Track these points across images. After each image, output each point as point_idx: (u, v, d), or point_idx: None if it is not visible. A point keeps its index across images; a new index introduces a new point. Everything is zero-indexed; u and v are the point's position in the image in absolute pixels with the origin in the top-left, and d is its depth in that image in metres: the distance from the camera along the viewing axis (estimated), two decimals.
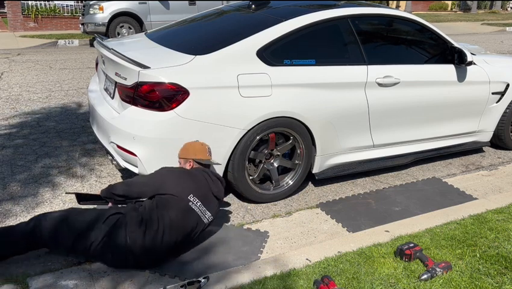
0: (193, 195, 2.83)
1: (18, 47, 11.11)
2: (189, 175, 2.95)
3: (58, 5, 14.36)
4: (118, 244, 2.63)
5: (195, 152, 3.08)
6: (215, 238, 3.12)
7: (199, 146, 3.11)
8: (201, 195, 2.87)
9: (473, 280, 2.59)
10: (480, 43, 13.59)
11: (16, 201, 3.55)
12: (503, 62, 4.76)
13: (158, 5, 11.44)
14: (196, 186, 2.88)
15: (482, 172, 4.47)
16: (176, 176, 2.91)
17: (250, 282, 2.52)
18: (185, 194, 2.82)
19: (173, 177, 2.90)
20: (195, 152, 3.08)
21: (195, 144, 3.12)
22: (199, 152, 3.09)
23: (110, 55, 3.48)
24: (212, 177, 3.00)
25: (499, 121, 4.72)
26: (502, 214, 3.37)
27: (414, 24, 4.25)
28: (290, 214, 3.55)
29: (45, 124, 5.33)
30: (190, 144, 3.12)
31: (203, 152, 3.09)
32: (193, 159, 3.07)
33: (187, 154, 3.09)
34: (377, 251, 2.85)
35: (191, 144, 3.13)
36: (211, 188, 2.95)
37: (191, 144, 3.12)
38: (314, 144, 3.66)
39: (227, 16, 4.26)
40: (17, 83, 7.25)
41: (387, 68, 3.90)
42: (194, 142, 3.15)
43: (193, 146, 3.11)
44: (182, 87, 3.16)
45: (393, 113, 3.97)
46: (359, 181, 4.17)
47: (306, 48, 3.64)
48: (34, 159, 4.34)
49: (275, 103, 3.37)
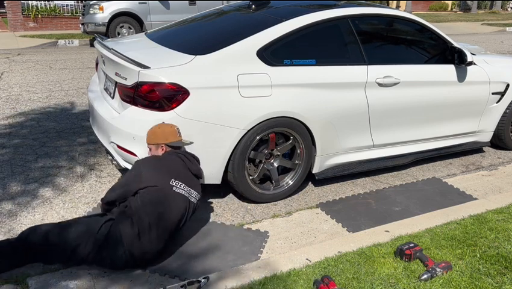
0: (174, 180, 2.80)
1: (18, 47, 11.11)
2: (165, 160, 2.89)
3: (58, 5, 14.36)
4: (116, 251, 2.62)
5: (165, 135, 3.00)
6: (215, 238, 3.12)
7: (168, 128, 3.02)
8: (182, 177, 2.84)
9: (473, 280, 2.59)
10: (480, 43, 13.59)
11: (16, 201, 3.55)
12: (503, 62, 4.76)
13: (158, 5, 11.44)
14: (174, 170, 2.84)
15: (482, 172, 4.47)
16: (152, 166, 2.85)
17: (250, 282, 2.52)
18: (166, 181, 2.78)
19: (149, 168, 2.83)
20: (165, 135, 3.00)
21: (164, 127, 3.03)
22: (170, 134, 3.00)
23: (110, 55, 3.48)
24: (188, 157, 2.96)
25: (499, 121, 4.72)
26: (502, 214, 3.37)
27: (414, 25, 4.25)
28: (290, 214, 3.55)
29: (45, 124, 5.33)
30: (158, 128, 3.02)
31: (173, 134, 3.01)
32: (165, 144, 3.00)
33: (157, 139, 3.00)
34: (378, 251, 2.85)
35: (160, 127, 3.03)
36: (190, 168, 2.92)
37: (160, 128, 3.02)
38: (314, 144, 3.66)
39: (228, 16, 4.26)
40: (17, 83, 7.25)
41: (387, 68, 3.90)
42: (161, 125, 3.05)
43: (162, 130, 3.01)
44: (182, 87, 3.16)
45: (393, 113, 3.97)
46: (359, 181, 4.17)
47: (307, 48, 3.64)
48: (34, 159, 4.34)
49: (275, 103, 3.37)
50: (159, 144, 3.00)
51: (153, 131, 3.02)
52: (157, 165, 2.85)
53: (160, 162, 2.89)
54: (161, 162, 2.89)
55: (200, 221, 3.35)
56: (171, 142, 3.00)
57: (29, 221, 3.28)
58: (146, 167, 2.84)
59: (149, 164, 2.87)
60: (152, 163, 2.88)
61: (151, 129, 3.03)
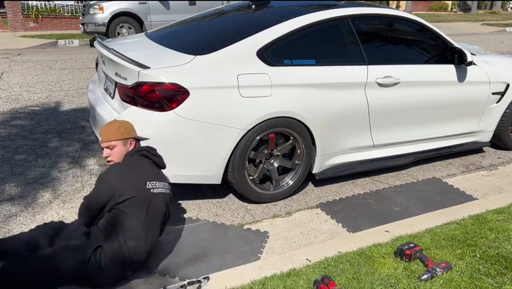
0: (149, 182, 2.69)
1: (18, 47, 11.11)
2: (134, 166, 2.72)
3: (58, 5, 14.36)
4: (110, 276, 2.54)
5: (132, 129, 2.83)
6: (215, 238, 3.12)
7: (128, 122, 2.87)
8: (154, 176, 2.74)
9: (473, 280, 2.59)
10: (480, 43, 13.59)
11: (16, 202, 3.55)
12: (503, 62, 4.76)
13: (158, 5, 11.44)
14: (147, 172, 2.72)
15: (482, 172, 4.47)
16: (125, 176, 2.66)
17: (250, 282, 2.52)
18: (142, 186, 2.64)
19: (122, 179, 2.64)
20: (132, 129, 2.83)
21: (125, 122, 2.86)
22: (133, 128, 2.86)
23: (110, 55, 3.48)
24: (150, 151, 2.83)
25: (499, 121, 4.72)
26: (502, 214, 3.37)
27: (414, 25, 4.25)
28: (290, 214, 3.55)
29: (45, 124, 5.33)
30: (120, 123, 2.82)
31: (134, 127, 2.88)
32: (134, 137, 2.83)
33: (128, 132, 2.79)
34: (378, 251, 2.85)
35: (122, 122, 2.84)
36: (155, 162, 2.83)
37: (122, 123, 2.83)
38: (314, 144, 3.66)
39: (228, 16, 4.26)
40: (17, 83, 7.25)
41: (387, 68, 3.90)
42: (117, 120, 2.88)
43: (127, 124, 2.83)
44: (182, 87, 3.16)
45: (393, 113, 3.97)
46: (359, 181, 4.17)
47: (307, 48, 3.64)
48: (34, 159, 4.34)
49: (275, 103, 3.37)
50: (129, 139, 2.80)
51: (120, 126, 2.79)
52: (129, 175, 2.66)
53: (131, 169, 2.70)
54: (132, 169, 2.70)
55: (200, 221, 3.35)
56: (138, 136, 2.88)
57: (29, 221, 3.28)
58: (116, 180, 2.62)
59: (120, 176, 2.65)
60: (123, 174, 2.66)
61: (114, 125, 2.79)
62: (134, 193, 2.60)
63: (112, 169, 2.71)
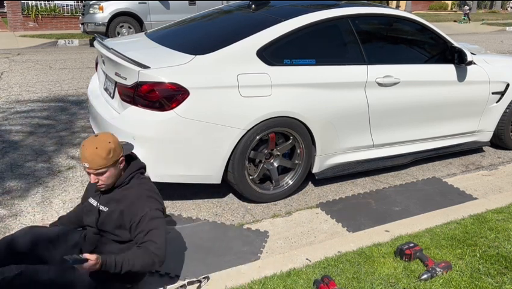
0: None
1: (18, 47, 11.11)
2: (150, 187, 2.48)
3: (58, 4, 14.36)
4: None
5: (120, 144, 2.41)
6: (215, 238, 3.12)
7: (114, 137, 2.40)
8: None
9: (473, 280, 2.59)
10: (480, 43, 13.59)
11: (16, 201, 3.55)
12: (503, 62, 4.76)
13: (158, 5, 11.44)
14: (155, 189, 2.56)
15: (482, 172, 4.47)
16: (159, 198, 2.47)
17: (250, 282, 2.52)
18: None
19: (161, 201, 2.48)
20: (120, 144, 2.41)
21: (113, 141, 2.35)
22: (118, 142, 2.40)
23: (110, 55, 3.48)
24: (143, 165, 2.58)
25: (499, 121, 4.72)
26: (502, 214, 3.37)
27: (414, 24, 4.25)
28: (290, 213, 3.55)
29: (45, 124, 5.33)
30: (109, 145, 2.32)
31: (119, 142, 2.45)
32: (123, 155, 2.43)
33: (118, 154, 2.37)
34: (377, 251, 2.85)
35: (110, 143, 2.33)
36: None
37: (111, 144, 2.33)
38: (314, 144, 3.66)
39: (227, 16, 4.26)
40: (17, 83, 7.25)
41: (386, 68, 3.90)
42: (106, 141, 2.33)
43: (114, 143, 2.36)
44: (182, 87, 3.16)
45: (393, 113, 3.97)
46: (359, 181, 4.17)
47: (306, 48, 3.64)
48: (34, 159, 4.34)
49: (275, 103, 3.37)
50: (119, 159, 2.39)
51: (109, 148, 2.31)
52: (158, 195, 2.48)
53: (154, 191, 2.47)
54: (153, 191, 2.47)
55: (200, 221, 3.35)
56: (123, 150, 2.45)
57: (29, 221, 3.28)
58: (161, 207, 2.42)
59: (158, 198, 2.45)
60: (158, 198, 2.45)
61: (102, 149, 2.28)
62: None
63: (150, 204, 2.36)
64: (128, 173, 2.45)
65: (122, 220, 2.35)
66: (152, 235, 2.28)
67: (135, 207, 2.34)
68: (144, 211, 2.31)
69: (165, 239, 2.31)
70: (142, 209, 2.32)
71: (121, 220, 2.35)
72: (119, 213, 2.36)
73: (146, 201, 2.36)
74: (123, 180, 2.43)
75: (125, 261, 2.21)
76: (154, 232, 2.29)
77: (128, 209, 2.35)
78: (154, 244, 2.26)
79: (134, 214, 2.32)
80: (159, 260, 2.27)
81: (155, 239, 2.27)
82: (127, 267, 2.21)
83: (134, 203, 2.35)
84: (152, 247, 2.25)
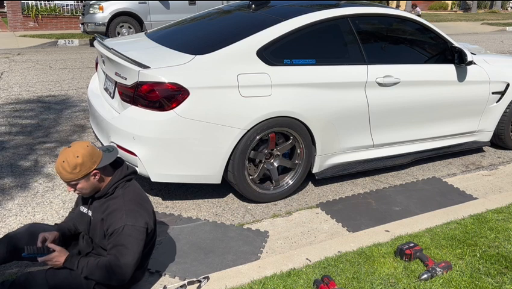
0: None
1: (18, 47, 11.11)
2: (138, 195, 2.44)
3: (58, 4, 14.36)
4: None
5: (91, 160, 2.30)
6: (215, 238, 3.12)
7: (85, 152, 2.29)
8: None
9: (473, 280, 2.59)
10: (480, 43, 13.59)
11: (16, 202, 3.55)
12: (504, 62, 4.76)
13: (158, 5, 11.44)
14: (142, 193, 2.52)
15: (482, 172, 4.47)
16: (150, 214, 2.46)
17: (250, 282, 2.52)
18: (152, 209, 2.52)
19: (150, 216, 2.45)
20: (91, 160, 2.30)
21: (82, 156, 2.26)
22: (94, 155, 2.31)
23: (110, 55, 3.48)
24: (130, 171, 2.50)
25: (499, 121, 4.72)
26: (502, 214, 3.37)
27: (414, 24, 4.25)
28: (290, 213, 3.55)
29: (45, 124, 5.33)
30: (76, 160, 2.24)
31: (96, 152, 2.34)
32: (96, 169, 2.32)
33: (87, 169, 2.28)
34: (378, 251, 2.85)
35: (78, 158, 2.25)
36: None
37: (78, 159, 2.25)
38: (314, 144, 3.66)
39: (227, 16, 4.25)
40: (17, 83, 7.25)
41: (387, 68, 3.91)
42: (74, 155, 2.25)
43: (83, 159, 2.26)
44: (182, 87, 3.16)
45: (393, 113, 3.97)
46: (359, 181, 4.17)
47: (307, 48, 3.64)
48: (34, 159, 4.34)
49: (275, 103, 3.37)
50: (90, 173, 2.30)
51: (75, 164, 2.24)
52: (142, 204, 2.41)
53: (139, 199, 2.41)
54: (139, 198, 2.41)
55: (200, 221, 3.35)
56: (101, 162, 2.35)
57: (29, 221, 3.28)
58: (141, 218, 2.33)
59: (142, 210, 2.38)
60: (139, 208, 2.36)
61: (69, 163, 2.23)
62: (154, 220, 2.46)
63: (128, 218, 2.29)
64: (111, 183, 2.37)
65: (102, 228, 2.33)
66: (119, 250, 2.23)
67: (112, 219, 2.29)
68: (119, 225, 2.26)
69: (130, 259, 2.23)
70: (118, 222, 2.27)
71: (102, 229, 2.33)
72: (100, 221, 2.33)
73: (124, 215, 2.28)
74: (106, 190, 2.37)
75: (87, 266, 2.24)
76: (122, 249, 2.23)
77: (106, 218, 2.31)
78: (117, 260, 2.21)
79: (109, 224, 2.29)
80: (118, 278, 2.22)
81: (120, 256, 2.22)
82: (86, 272, 2.23)
83: (112, 214, 2.30)
84: (113, 262, 2.21)
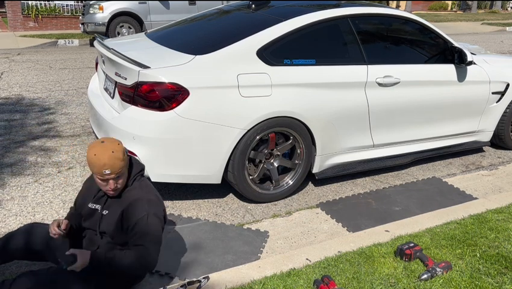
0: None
1: (18, 47, 11.11)
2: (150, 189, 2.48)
3: (58, 4, 14.35)
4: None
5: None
6: (215, 238, 3.12)
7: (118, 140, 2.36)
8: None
9: (473, 280, 2.59)
10: (480, 43, 13.59)
11: (16, 202, 3.55)
12: (504, 62, 4.76)
13: (158, 5, 11.43)
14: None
15: (482, 172, 4.47)
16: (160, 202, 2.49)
17: (250, 282, 2.52)
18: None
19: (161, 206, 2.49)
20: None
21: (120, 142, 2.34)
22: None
23: (110, 55, 3.48)
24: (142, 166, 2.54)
25: (499, 121, 4.72)
26: (502, 214, 3.37)
27: (414, 24, 4.25)
28: (290, 213, 3.55)
29: (45, 124, 5.33)
30: (119, 146, 2.31)
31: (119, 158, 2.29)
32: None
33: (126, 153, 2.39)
34: (378, 251, 2.85)
35: (119, 144, 2.32)
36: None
37: (120, 145, 2.33)
38: (314, 144, 3.66)
39: (227, 16, 4.25)
40: (17, 83, 7.25)
41: (387, 68, 3.91)
42: (115, 143, 2.30)
43: (121, 143, 2.36)
44: (182, 87, 3.16)
45: (393, 113, 3.97)
46: (359, 181, 4.17)
47: (307, 48, 3.64)
48: (34, 159, 4.34)
49: (275, 103, 3.37)
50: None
51: (122, 149, 2.31)
52: (159, 198, 2.48)
53: (155, 192, 2.47)
54: (152, 191, 2.46)
55: (200, 221, 3.35)
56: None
57: (29, 221, 3.28)
58: (161, 209, 2.43)
59: (159, 200, 2.46)
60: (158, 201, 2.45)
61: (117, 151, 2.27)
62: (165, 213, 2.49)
63: (149, 208, 2.34)
64: (132, 176, 2.44)
65: (121, 221, 2.35)
66: (145, 240, 2.27)
67: (134, 209, 2.33)
68: (141, 214, 2.31)
69: (157, 247, 2.30)
70: (140, 212, 2.32)
71: (121, 222, 2.35)
72: (120, 214, 2.36)
73: (145, 205, 2.34)
74: (127, 183, 2.42)
75: (114, 257, 2.22)
76: (148, 237, 2.28)
77: (127, 210, 2.35)
78: (145, 249, 2.25)
79: (131, 215, 2.32)
80: (147, 266, 2.26)
81: (147, 244, 2.26)
82: (114, 264, 2.21)
83: (133, 205, 2.35)
84: (142, 251, 2.24)
